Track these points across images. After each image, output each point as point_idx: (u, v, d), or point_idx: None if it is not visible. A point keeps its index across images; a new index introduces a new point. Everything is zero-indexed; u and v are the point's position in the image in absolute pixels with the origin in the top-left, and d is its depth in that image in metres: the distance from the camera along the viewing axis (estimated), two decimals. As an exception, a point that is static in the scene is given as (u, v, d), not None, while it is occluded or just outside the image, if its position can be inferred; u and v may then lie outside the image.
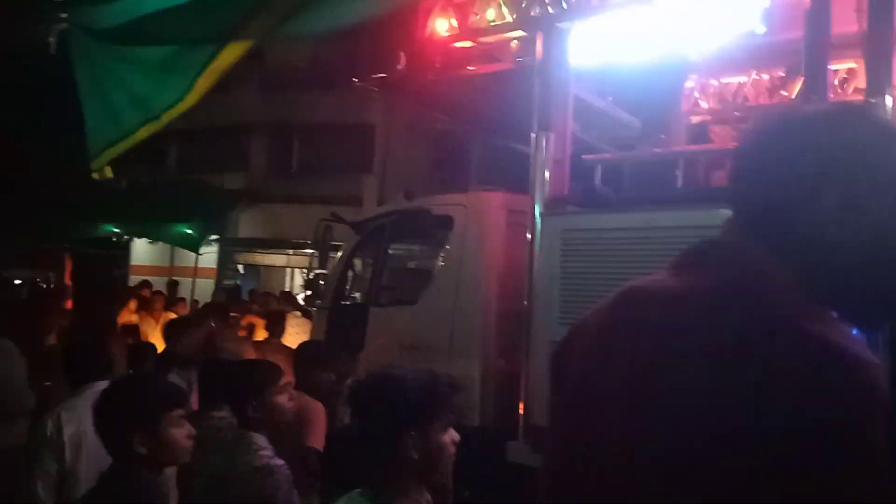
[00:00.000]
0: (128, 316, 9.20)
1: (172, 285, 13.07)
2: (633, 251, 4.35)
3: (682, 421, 0.82)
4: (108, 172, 3.96)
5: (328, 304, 6.77)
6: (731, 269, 0.91)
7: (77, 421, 3.02)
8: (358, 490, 1.95)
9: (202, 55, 3.20)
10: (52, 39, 2.89)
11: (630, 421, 0.86)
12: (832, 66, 5.07)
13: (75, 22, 3.05)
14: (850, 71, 5.66)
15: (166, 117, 3.37)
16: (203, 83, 3.23)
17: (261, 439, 2.81)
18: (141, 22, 3.04)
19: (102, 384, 3.19)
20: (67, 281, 9.27)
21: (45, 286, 15.01)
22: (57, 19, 2.88)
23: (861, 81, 4.93)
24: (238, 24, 3.09)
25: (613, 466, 0.88)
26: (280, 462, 2.76)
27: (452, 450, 1.97)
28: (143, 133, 3.48)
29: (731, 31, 4.88)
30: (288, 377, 3.18)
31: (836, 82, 5.69)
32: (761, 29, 4.64)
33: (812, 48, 4.10)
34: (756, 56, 5.71)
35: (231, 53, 3.19)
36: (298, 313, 8.93)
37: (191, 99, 3.28)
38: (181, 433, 2.30)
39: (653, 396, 0.85)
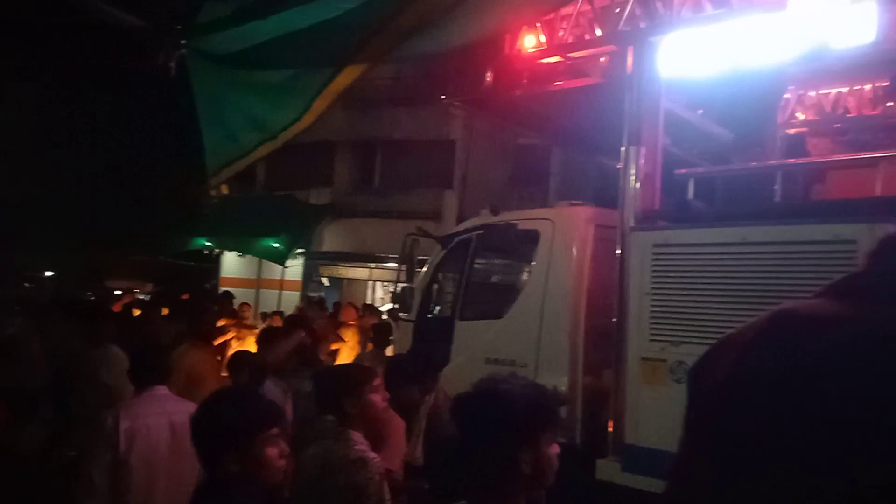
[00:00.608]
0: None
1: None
2: (726, 267, 4.23)
3: (833, 449, 0.81)
4: (224, 189, 4.20)
5: (413, 317, 6.85)
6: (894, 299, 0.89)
7: (132, 417, 3.31)
8: (462, 502, 1.95)
9: (320, 77, 3.35)
10: (171, 65, 3.09)
11: (775, 444, 0.85)
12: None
13: (195, 48, 3.25)
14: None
15: (283, 137, 3.53)
16: (320, 104, 3.38)
17: (357, 435, 2.95)
18: (259, 48, 3.22)
19: (161, 389, 3.46)
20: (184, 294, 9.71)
21: (143, 297, 15.76)
22: (177, 45, 3.09)
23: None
24: (354, 48, 3.22)
25: (752, 490, 0.87)
26: (373, 455, 2.87)
27: (557, 463, 1.97)
28: (261, 152, 3.67)
29: (831, 41, 4.71)
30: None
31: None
32: (866, 38, 4.47)
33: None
34: (857, 66, 5.49)
35: (348, 76, 3.32)
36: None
37: (308, 119, 3.43)
38: (274, 452, 2.24)
39: (804, 421, 0.84)
